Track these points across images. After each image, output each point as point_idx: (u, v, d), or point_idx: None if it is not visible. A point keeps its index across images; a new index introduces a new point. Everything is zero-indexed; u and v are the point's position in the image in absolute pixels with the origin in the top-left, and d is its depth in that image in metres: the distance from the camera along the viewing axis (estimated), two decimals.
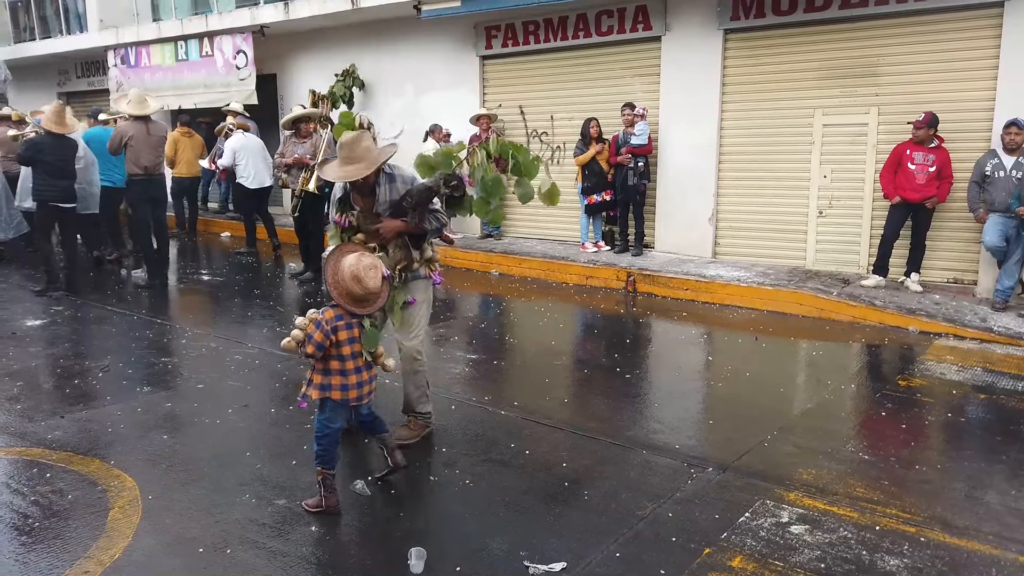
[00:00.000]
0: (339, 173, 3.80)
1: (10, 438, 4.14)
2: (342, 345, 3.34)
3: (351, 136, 3.81)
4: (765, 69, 8.37)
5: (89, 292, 7.92)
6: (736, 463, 3.90)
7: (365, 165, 3.76)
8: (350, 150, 3.77)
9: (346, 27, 11.66)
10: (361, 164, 3.76)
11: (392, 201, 3.88)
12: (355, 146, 3.77)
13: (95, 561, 2.96)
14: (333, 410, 3.39)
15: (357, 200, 3.94)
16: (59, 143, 7.62)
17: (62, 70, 16.64)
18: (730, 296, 7.59)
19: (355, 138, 3.80)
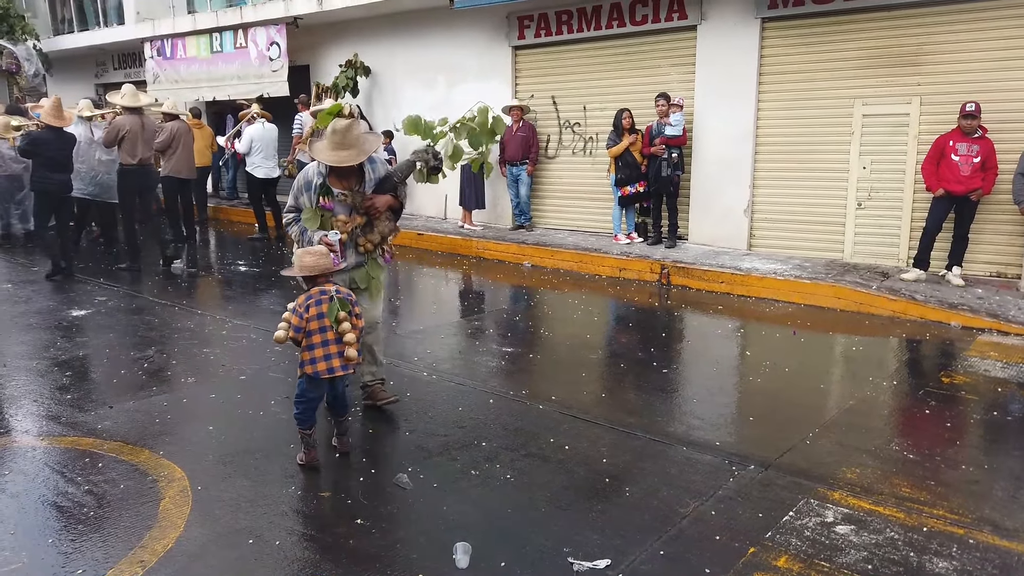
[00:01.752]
0: (335, 157, 4.08)
1: (63, 428, 4.26)
2: (311, 321, 3.72)
3: (344, 124, 4.08)
4: (803, 58, 8.25)
5: (131, 282, 8.09)
6: (778, 461, 3.88)
7: (357, 152, 4.10)
8: (343, 136, 4.08)
9: (379, 17, 11.69)
10: (354, 151, 4.09)
11: (377, 180, 4.29)
12: (347, 133, 4.07)
13: (149, 551, 3.04)
14: (307, 383, 3.77)
15: (335, 183, 4.21)
16: (58, 136, 7.88)
17: (100, 62, 16.92)
18: (766, 289, 7.52)
19: (348, 126, 4.08)
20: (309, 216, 4.20)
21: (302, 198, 4.25)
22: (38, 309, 6.94)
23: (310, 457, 3.79)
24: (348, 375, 3.90)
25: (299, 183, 4.27)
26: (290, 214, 4.31)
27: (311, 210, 4.20)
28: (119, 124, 8.52)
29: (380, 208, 4.30)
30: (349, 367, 3.82)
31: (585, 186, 10.24)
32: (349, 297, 3.84)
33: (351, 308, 3.80)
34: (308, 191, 4.23)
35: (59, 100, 8.16)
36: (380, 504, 3.44)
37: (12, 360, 5.49)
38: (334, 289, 3.81)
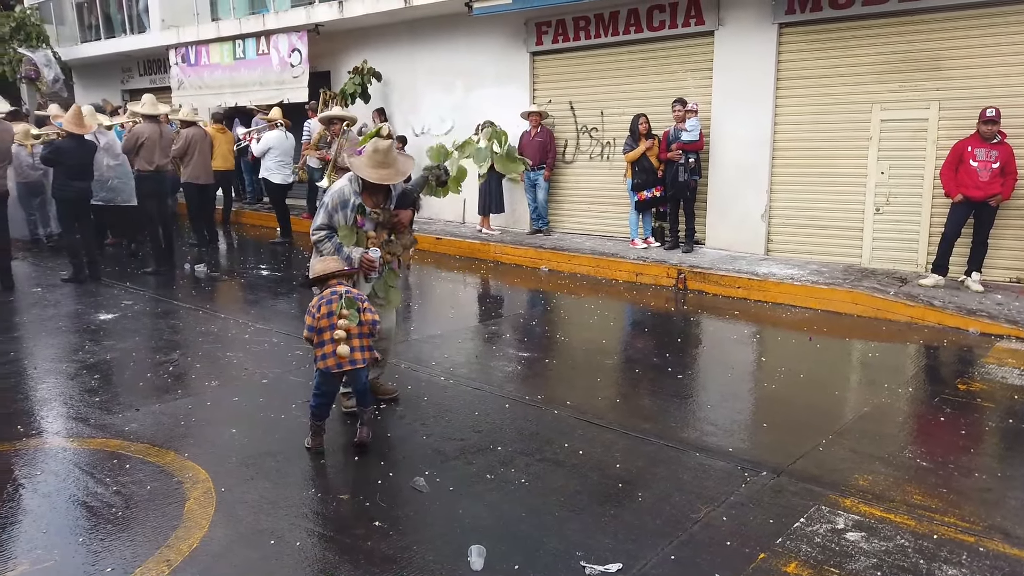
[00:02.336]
0: (377, 175, 4.27)
1: (91, 429, 4.39)
2: (321, 320, 3.96)
3: (385, 144, 4.28)
4: (821, 63, 8.25)
5: (156, 286, 8.26)
6: (791, 467, 3.92)
7: (396, 172, 4.33)
8: (384, 156, 4.27)
9: (399, 24, 11.84)
10: (393, 170, 4.32)
11: (398, 195, 4.52)
12: (388, 154, 4.29)
13: (175, 550, 3.14)
14: (321, 377, 4.04)
15: (366, 200, 4.38)
16: (78, 144, 8.09)
17: (125, 68, 17.23)
18: (783, 294, 7.53)
19: (389, 146, 4.29)
20: (347, 234, 4.33)
21: (337, 216, 4.34)
22: (67, 313, 7.12)
23: (315, 443, 4.08)
24: (362, 369, 4.05)
25: (334, 201, 4.33)
26: (322, 231, 4.35)
27: (348, 228, 4.33)
28: (137, 132, 8.77)
29: (405, 223, 4.54)
30: (358, 362, 4.00)
31: (602, 191, 10.29)
32: (359, 297, 4.04)
33: (359, 306, 3.99)
34: (344, 209, 4.34)
35: (80, 108, 8.37)
36: (397, 507, 3.52)
37: (42, 363, 5.66)
38: (344, 290, 4.01)
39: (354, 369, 4.02)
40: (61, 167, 8.02)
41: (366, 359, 4.05)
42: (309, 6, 12.37)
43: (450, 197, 5.01)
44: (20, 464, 3.96)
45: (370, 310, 4.06)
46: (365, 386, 4.15)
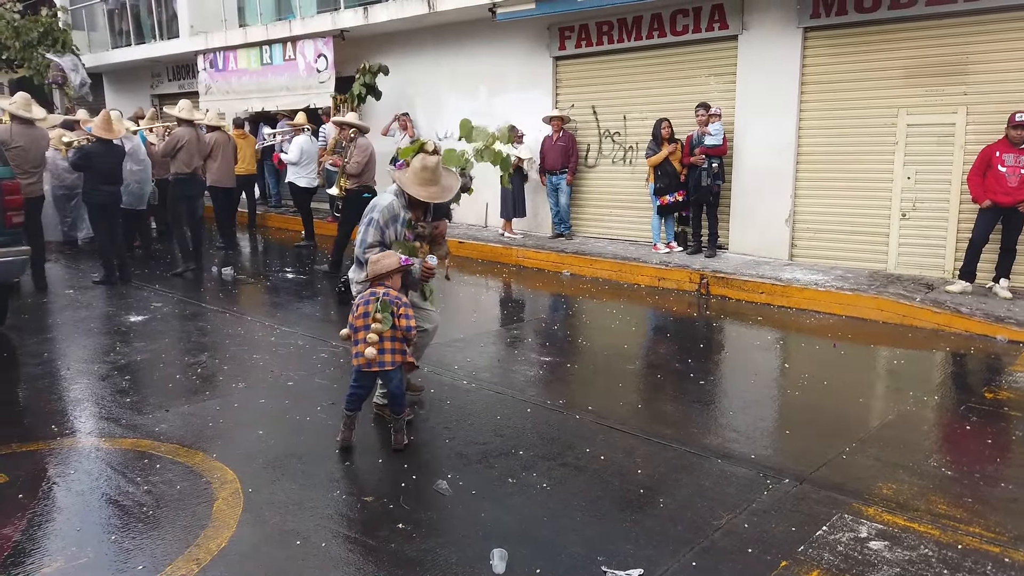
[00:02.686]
0: (427, 193, 4.33)
1: (123, 430, 4.49)
2: (358, 319, 4.08)
3: (433, 161, 4.30)
4: (847, 67, 8.20)
5: (183, 288, 8.41)
6: (813, 475, 3.91)
7: (443, 189, 4.40)
8: (432, 173, 4.32)
9: (423, 30, 11.93)
10: (439, 187, 4.38)
11: (435, 208, 4.62)
12: (436, 171, 4.35)
13: (204, 549, 3.21)
14: (356, 373, 4.16)
15: (412, 214, 4.42)
16: (108, 149, 8.27)
17: (155, 73, 17.53)
18: (807, 300, 7.48)
19: (437, 163, 4.32)
20: (403, 248, 4.35)
21: (388, 231, 4.33)
22: (98, 315, 7.27)
23: (343, 436, 4.19)
24: (392, 371, 4.11)
25: (384, 217, 4.30)
26: (374, 249, 4.29)
27: (405, 243, 4.37)
28: (178, 136, 9.03)
29: (443, 233, 4.68)
30: (386, 364, 4.08)
31: (624, 195, 10.30)
32: (394, 300, 4.07)
33: (392, 309, 4.05)
34: (395, 224, 4.34)
35: (109, 113, 8.56)
36: (420, 509, 3.57)
37: (75, 363, 5.79)
38: (382, 292, 4.08)
39: (383, 371, 4.09)
40: (91, 171, 8.21)
41: (396, 362, 4.10)
42: (335, 12, 12.51)
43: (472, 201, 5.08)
44: (55, 463, 4.07)
45: (407, 315, 4.06)
46: (397, 388, 4.21)
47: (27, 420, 4.74)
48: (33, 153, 7.87)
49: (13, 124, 7.79)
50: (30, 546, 3.24)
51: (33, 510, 3.54)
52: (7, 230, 5.81)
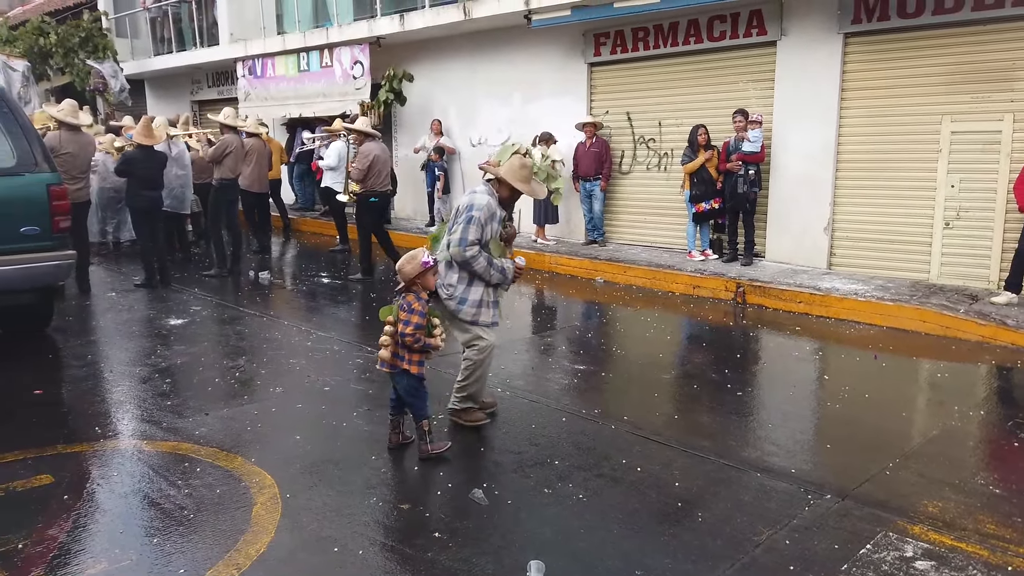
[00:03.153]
0: (529, 189, 4.57)
1: (164, 432, 4.56)
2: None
3: (530, 161, 4.56)
4: (888, 74, 8.06)
5: (221, 292, 8.54)
6: (856, 491, 3.83)
7: (538, 187, 4.72)
8: (529, 172, 4.57)
9: (458, 36, 11.99)
10: (536, 185, 4.69)
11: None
12: (531, 170, 4.58)
13: (243, 554, 3.24)
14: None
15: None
16: (148, 155, 8.45)
17: (195, 80, 17.85)
18: (846, 310, 7.35)
19: (531, 164, 4.59)
20: (496, 247, 4.48)
21: (487, 228, 4.40)
22: (139, 318, 7.42)
23: (388, 440, 4.31)
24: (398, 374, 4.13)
25: (484, 215, 4.36)
26: (476, 247, 4.34)
27: (497, 241, 4.50)
28: (227, 142, 9.26)
29: (514, 236, 4.81)
30: (385, 365, 4.14)
31: (659, 202, 10.23)
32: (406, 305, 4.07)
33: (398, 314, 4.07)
34: (492, 222, 4.44)
35: (149, 120, 8.75)
36: (457, 519, 3.57)
37: (117, 366, 5.91)
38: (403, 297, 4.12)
39: (391, 373, 4.15)
40: (133, 177, 8.39)
41: (395, 366, 4.10)
42: (371, 19, 12.63)
43: None
44: (98, 464, 4.15)
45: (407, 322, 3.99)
46: (404, 393, 4.15)
47: (72, 421, 4.85)
48: (80, 159, 8.06)
49: (61, 131, 7.99)
50: (75, 547, 3.30)
51: (78, 511, 3.61)
52: (54, 235, 5.95)
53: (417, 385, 4.15)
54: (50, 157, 6.12)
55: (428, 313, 4.09)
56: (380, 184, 8.95)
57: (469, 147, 12.36)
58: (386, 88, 12.38)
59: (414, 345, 4.04)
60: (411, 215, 13.41)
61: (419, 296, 4.08)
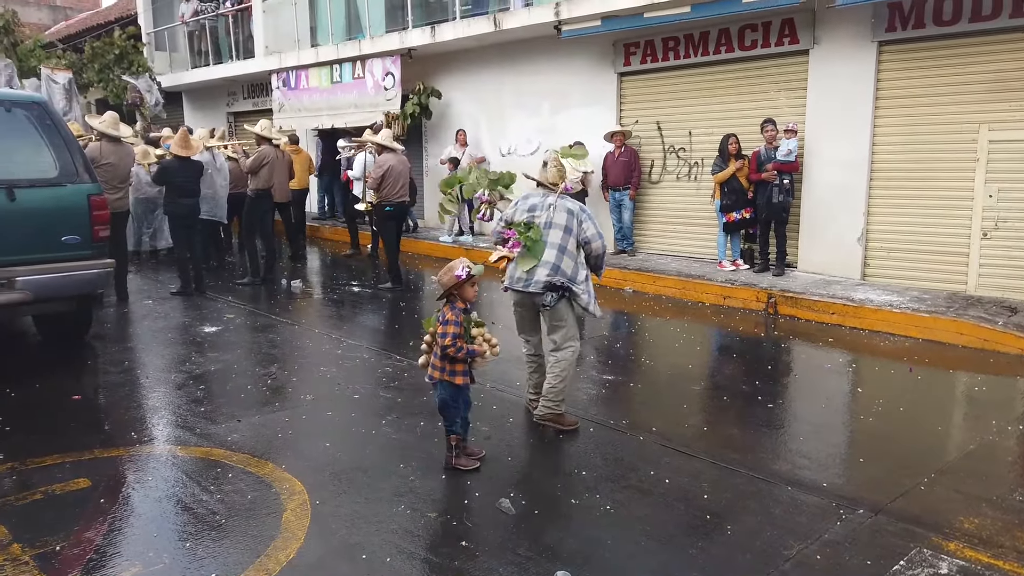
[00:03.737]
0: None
1: (197, 438, 4.64)
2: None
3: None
4: (924, 82, 7.93)
5: (254, 300, 8.67)
6: (890, 506, 3.76)
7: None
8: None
9: (488, 47, 12.07)
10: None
11: None
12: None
13: (273, 560, 3.29)
14: None
15: None
16: (185, 165, 8.64)
17: (231, 91, 18.19)
18: (881, 322, 7.23)
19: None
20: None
21: None
22: (175, 325, 7.56)
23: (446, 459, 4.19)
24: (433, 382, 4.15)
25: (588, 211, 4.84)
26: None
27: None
28: (264, 153, 9.49)
29: None
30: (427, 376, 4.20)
31: (689, 212, 10.17)
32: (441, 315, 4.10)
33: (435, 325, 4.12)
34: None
35: (186, 131, 8.98)
36: (483, 528, 3.58)
37: (154, 372, 6.03)
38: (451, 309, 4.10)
39: (431, 382, 4.17)
40: (170, 186, 8.59)
41: (432, 376, 4.13)
42: (403, 31, 12.78)
43: None
44: (133, 469, 4.24)
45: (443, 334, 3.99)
46: (439, 402, 4.16)
47: (109, 426, 4.96)
48: (120, 169, 8.27)
49: (103, 142, 8.20)
50: (110, 550, 3.37)
51: (113, 514, 3.69)
52: (93, 243, 6.10)
53: (456, 396, 4.13)
54: (91, 168, 6.28)
55: (464, 322, 4.08)
56: (395, 194, 9.07)
57: (499, 156, 12.42)
58: (414, 102, 12.52)
59: (456, 354, 4.03)
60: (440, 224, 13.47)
61: (454, 306, 4.07)
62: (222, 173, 10.01)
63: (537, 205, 4.74)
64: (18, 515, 3.65)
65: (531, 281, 4.62)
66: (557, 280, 4.57)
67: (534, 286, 4.62)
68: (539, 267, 4.60)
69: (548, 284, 4.58)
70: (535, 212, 4.71)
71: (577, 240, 4.68)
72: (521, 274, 4.67)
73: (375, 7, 13.94)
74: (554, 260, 4.59)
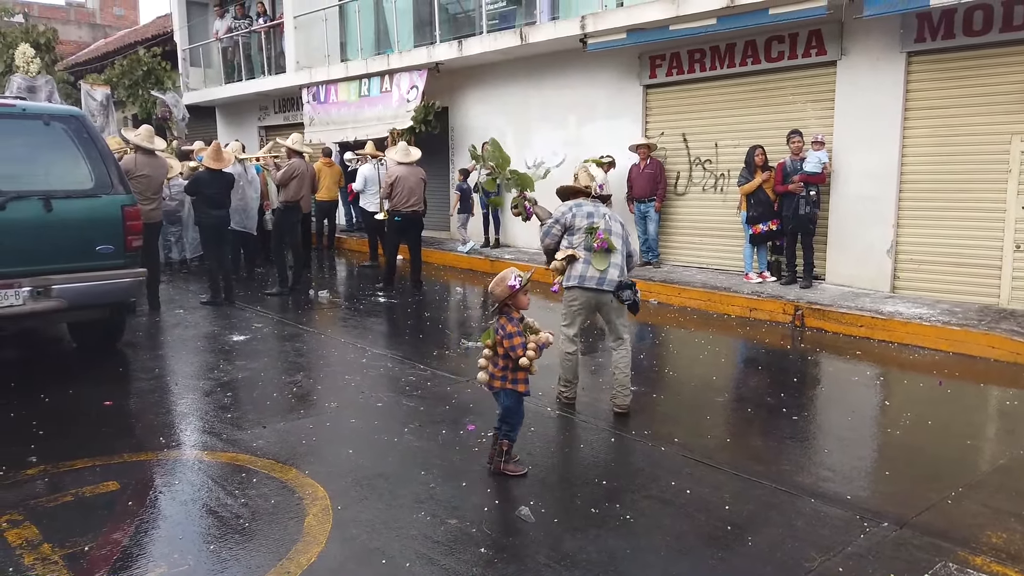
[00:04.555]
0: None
1: (224, 444, 4.72)
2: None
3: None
4: (954, 93, 7.84)
5: (282, 310, 8.80)
6: (915, 519, 3.70)
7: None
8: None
9: (514, 60, 12.18)
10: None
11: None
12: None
13: (295, 563, 3.33)
14: None
15: None
16: (217, 177, 8.80)
17: (263, 106, 18.54)
18: (910, 335, 7.12)
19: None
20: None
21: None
22: (205, 333, 7.70)
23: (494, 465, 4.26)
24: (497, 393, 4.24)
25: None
26: None
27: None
28: (295, 166, 9.65)
29: None
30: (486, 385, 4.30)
31: (715, 223, 10.12)
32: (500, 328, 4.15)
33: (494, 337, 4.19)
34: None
35: (218, 144, 9.19)
36: (503, 535, 3.58)
37: (183, 379, 6.15)
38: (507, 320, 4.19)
39: (493, 392, 4.28)
40: (200, 197, 8.77)
41: (494, 387, 4.23)
42: (430, 46, 12.94)
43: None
44: (161, 473, 4.32)
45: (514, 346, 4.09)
46: (503, 411, 4.23)
47: (138, 431, 5.06)
48: (154, 181, 8.48)
49: (137, 154, 8.41)
50: (137, 551, 3.44)
51: (140, 517, 3.77)
52: (126, 253, 6.25)
53: (519, 403, 4.25)
54: (125, 179, 6.44)
55: (523, 330, 4.17)
56: (404, 204, 9.59)
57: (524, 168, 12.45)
58: (419, 118, 12.77)
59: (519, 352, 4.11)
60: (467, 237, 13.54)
61: (511, 317, 4.17)
62: (253, 185, 10.28)
63: (593, 213, 5.19)
64: (49, 516, 3.75)
65: (606, 280, 5.05)
66: (625, 279, 5.12)
67: (608, 284, 5.04)
68: (611, 267, 5.07)
69: (620, 283, 5.06)
70: (593, 219, 5.15)
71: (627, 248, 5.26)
72: (594, 273, 5.06)
73: (404, 22, 14.16)
74: (620, 262, 5.16)
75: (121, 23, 34.28)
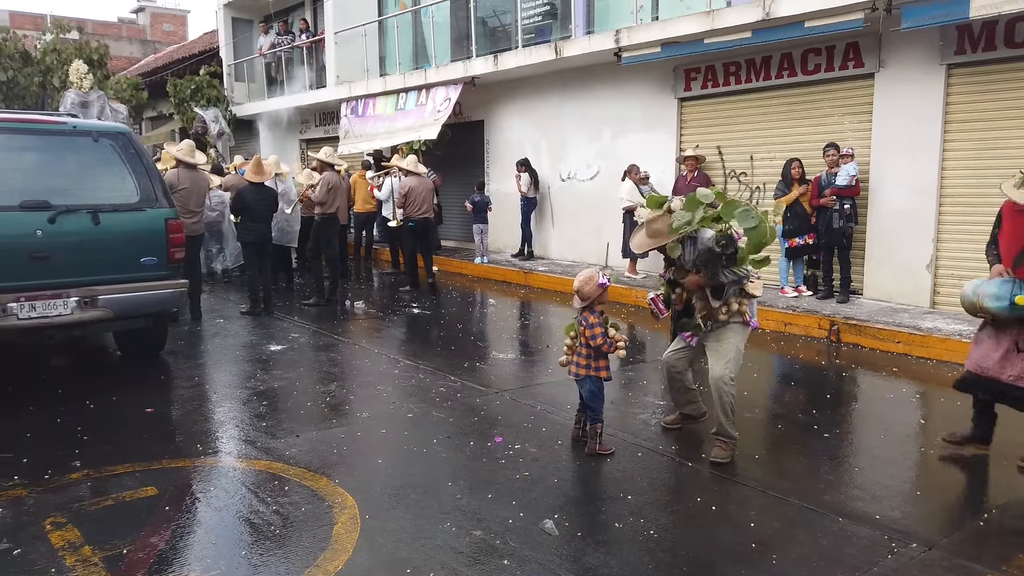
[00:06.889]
0: (640, 243, 4.86)
1: (258, 452, 4.85)
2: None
3: (652, 215, 4.73)
4: (996, 105, 7.70)
5: (318, 320, 8.97)
6: (945, 541, 3.64)
7: (655, 241, 4.73)
8: (648, 226, 4.76)
9: (549, 74, 12.27)
10: (654, 240, 4.73)
11: (694, 260, 4.65)
12: (652, 223, 4.73)
13: (322, 570, 3.41)
14: None
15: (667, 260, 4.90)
16: (259, 192, 9.02)
17: (304, 120, 18.95)
18: (949, 352, 6.98)
19: (655, 217, 4.71)
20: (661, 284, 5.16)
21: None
22: (243, 343, 7.89)
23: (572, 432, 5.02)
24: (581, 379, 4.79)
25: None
26: None
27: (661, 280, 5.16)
28: (328, 180, 9.83)
29: (688, 287, 4.77)
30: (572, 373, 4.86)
31: None
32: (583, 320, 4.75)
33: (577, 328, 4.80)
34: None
35: (259, 158, 9.43)
36: (526, 548, 3.62)
37: (221, 388, 6.32)
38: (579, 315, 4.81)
39: (578, 379, 4.80)
40: (245, 212, 9.00)
41: (579, 375, 4.79)
42: (467, 60, 13.12)
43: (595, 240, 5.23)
44: (198, 479, 4.45)
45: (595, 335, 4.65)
46: (588, 396, 4.80)
47: (177, 438, 5.22)
48: (195, 194, 8.73)
49: (179, 168, 8.68)
50: (172, 555, 3.56)
51: (177, 522, 3.89)
52: (169, 265, 6.46)
53: (602, 389, 4.80)
54: (168, 193, 6.67)
55: (605, 323, 4.73)
56: (416, 212, 10.44)
57: (559, 181, 12.56)
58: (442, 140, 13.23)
59: (609, 350, 4.71)
60: (501, 248, 13.67)
61: (594, 311, 4.72)
62: (285, 198, 10.52)
63: None
64: (91, 519, 3.90)
65: None
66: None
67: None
68: None
69: None
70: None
71: None
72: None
73: (441, 37, 14.38)
74: None
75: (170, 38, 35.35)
